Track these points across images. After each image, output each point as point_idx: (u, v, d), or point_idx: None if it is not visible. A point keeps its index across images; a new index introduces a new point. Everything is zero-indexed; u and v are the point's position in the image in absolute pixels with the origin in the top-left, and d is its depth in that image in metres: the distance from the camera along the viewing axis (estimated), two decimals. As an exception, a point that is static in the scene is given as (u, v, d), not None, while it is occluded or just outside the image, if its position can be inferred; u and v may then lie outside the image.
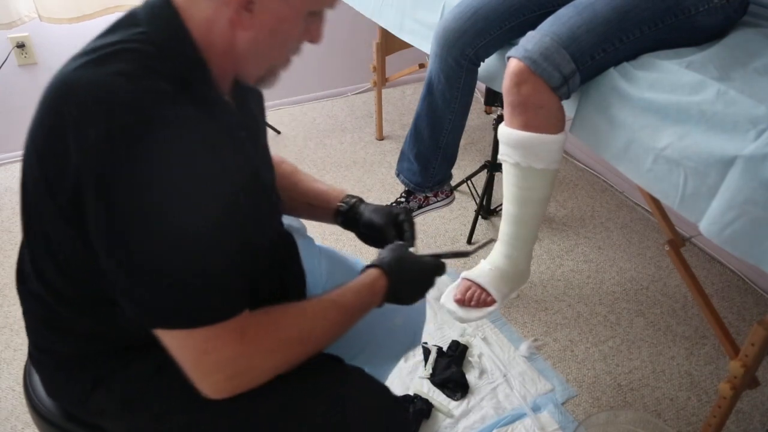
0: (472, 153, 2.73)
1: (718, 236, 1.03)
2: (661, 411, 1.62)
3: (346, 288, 0.89)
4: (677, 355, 1.78)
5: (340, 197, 1.13)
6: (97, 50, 0.72)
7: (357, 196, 1.14)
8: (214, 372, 0.74)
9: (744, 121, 0.99)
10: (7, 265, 2.06)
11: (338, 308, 0.86)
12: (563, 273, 2.08)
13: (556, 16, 1.20)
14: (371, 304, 0.92)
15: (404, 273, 0.95)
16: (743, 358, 1.23)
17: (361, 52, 2.95)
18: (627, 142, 1.16)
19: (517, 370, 1.71)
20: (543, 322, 1.88)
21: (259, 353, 0.77)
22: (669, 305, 1.95)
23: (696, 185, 1.06)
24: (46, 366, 0.91)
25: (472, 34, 1.43)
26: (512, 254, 1.38)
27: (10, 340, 1.76)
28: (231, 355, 0.74)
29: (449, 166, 1.75)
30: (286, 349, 0.80)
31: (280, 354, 0.79)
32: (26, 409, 0.98)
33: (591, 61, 1.17)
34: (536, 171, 1.26)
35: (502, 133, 1.27)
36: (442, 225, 2.30)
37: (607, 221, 2.34)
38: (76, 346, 0.85)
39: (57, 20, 2.29)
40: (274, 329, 0.79)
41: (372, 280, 0.92)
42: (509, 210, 1.34)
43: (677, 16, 1.18)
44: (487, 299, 1.39)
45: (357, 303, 0.89)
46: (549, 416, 1.58)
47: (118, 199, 0.66)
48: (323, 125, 2.94)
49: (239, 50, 0.76)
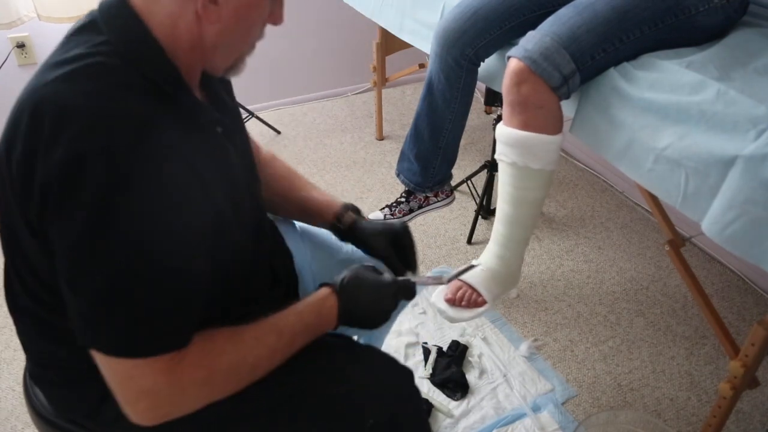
0: (472, 153, 2.73)
1: (719, 236, 1.03)
2: (661, 411, 1.62)
3: (290, 310, 0.85)
4: (677, 355, 1.78)
5: (336, 209, 1.09)
6: (67, 63, 0.70)
7: (352, 205, 1.11)
8: (137, 400, 0.73)
9: (744, 121, 0.99)
10: (7, 265, 2.06)
11: (278, 333, 0.82)
12: (563, 273, 2.08)
13: (557, 16, 1.21)
14: (318, 326, 0.88)
15: (360, 294, 0.90)
16: (743, 358, 1.23)
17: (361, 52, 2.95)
18: (627, 142, 1.16)
19: (517, 370, 1.71)
20: (543, 322, 1.88)
21: (189, 386, 0.74)
22: (669, 305, 1.95)
23: (697, 185, 1.06)
24: (49, 382, 0.90)
25: (472, 34, 1.43)
26: (505, 255, 1.38)
27: (10, 340, 1.76)
28: (157, 387, 0.72)
29: (449, 166, 1.75)
30: (219, 381, 0.78)
31: (211, 386, 0.77)
32: (26, 409, 0.98)
33: (591, 61, 1.17)
34: (533, 171, 1.26)
35: (500, 132, 1.27)
36: (442, 225, 2.30)
37: (607, 221, 2.34)
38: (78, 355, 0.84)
39: (56, 19, 2.29)
40: (209, 361, 0.76)
41: (319, 301, 0.88)
42: (504, 210, 1.34)
43: (677, 16, 1.18)
44: (478, 300, 1.39)
45: (299, 326, 0.85)
46: (549, 416, 1.58)
47: (73, 222, 0.66)
48: (323, 125, 2.94)
49: (207, 44, 0.75)
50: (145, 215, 0.67)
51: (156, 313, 0.71)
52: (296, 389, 0.86)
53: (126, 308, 0.69)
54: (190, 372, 0.74)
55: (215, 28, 0.74)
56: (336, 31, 2.98)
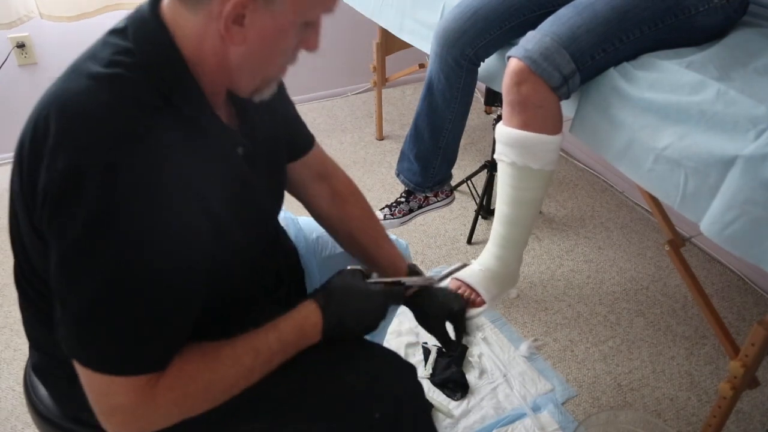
0: (472, 153, 2.73)
1: (719, 236, 1.03)
2: (661, 411, 1.62)
3: (270, 327, 0.84)
4: (677, 355, 1.78)
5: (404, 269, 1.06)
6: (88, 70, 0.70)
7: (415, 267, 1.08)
8: (111, 414, 0.73)
9: (744, 121, 0.99)
10: (7, 265, 2.06)
11: (255, 352, 0.81)
12: (563, 273, 2.08)
13: (556, 16, 1.21)
14: (300, 343, 0.86)
15: (347, 303, 0.89)
16: (743, 358, 1.23)
17: (361, 52, 2.95)
18: (627, 142, 1.16)
19: (517, 370, 1.71)
20: (543, 322, 1.88)
21: (163, 406, 0.75)
22: (669, 305, 1.95)
23: (697, 185, 1.06)
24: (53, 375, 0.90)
25: (472, 34, 1.43)
26: (503, 255, 1.38)
27: (10, 340, 1.76)
28: (131, 405, 0.72)
29: (449, 166, 1.75)
30: (193, 402, 0.78)
31: (185, 406, 0.77)
32: (26, 409, 0.98)
33: (591, 61, 1.17)
34: (532, 171, 1.26)
35: (500, 132, 1.27)
36: (442, 225, 2.30)
37: (607, 221, 2.34)
38: None
39: (57, 18, 2.29)
40: (184, 382, 0.76)
41: (302, 318, 0.87)
42: (503, 210, 1.34)
43: (677, 16, 1.18)
44: (477, 300, 1.39)
45: (276, 346, 0.83)
46: (549, 416, 1.58)
47: (64, 236, 0.67)
48: (323, 125, 2.94)
49: (232, 65, 0.74)
50: (136, 237, 0.67)
51: (138, 335, 0.71)
52: (302, 384, 0.87)
53: (109, 326, 0.70)
54: (164, 393, 0.74)
55: (239, 50, 0.72)
56: (336, 31, 2.98)
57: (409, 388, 0.96)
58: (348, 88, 3.23)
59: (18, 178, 0.74)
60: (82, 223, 0.66)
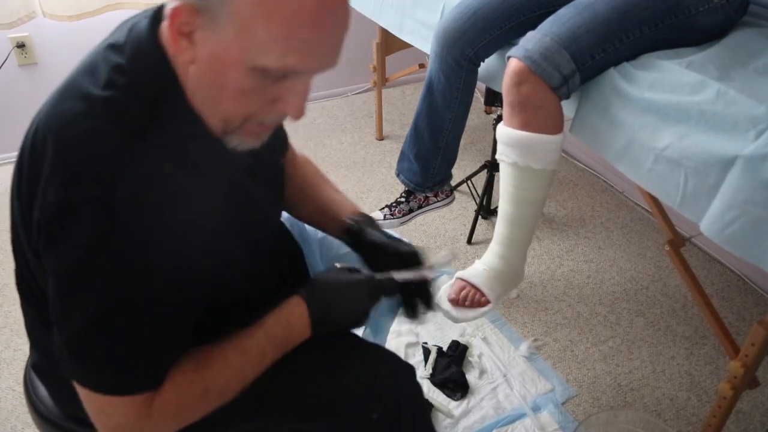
0: (472, 153, 2.73)
1: (719, 236, 1.03)
2: (661, 411, 1.62)
3: (257, 325, 0.84)
4: (677, 355, 1.78)
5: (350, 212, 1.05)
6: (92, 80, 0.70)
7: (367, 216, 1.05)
8: (111, 431, 0.75)
9: (744, 121, 0.99)
10: (7, 265, 2.06)
11: (243, 352, 0.81)
12: (563, 273, 2.08)
13: (557, 16, 1.21)
14: (289, 337, 0.86)
15: (330, 292, 0.88)
16: (743, 358, 1.23)
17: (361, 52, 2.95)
18: (627, 142, 1.16)
19: (517, 370, 1.71)
20: (543, 322, 1.88)
21: (161, 420, 0.76)
22: (669, 305, 1.95)
23: (696, 185, 1.06)
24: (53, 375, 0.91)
25: (472, 34, 1.43)
26: (507, 255, 1.38)
27: (10, 340, 1.76)
28: (129, 423, 0.74)
29: (449, 166, 1.75)
30: (189, 412, 0.78)
31: (182, 417, 0.78)
32: (26, 409, 0.98)
33: (591, 61, 1.17)
34: (534, 171, 1.26)
35: (500, 133, 1.27)
36: (442, 225, 2.30)
37: (607, 221, 2.34)
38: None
39: (58, 17, 2.30)
40: (179, 395, 0.76)
41: (287, 312, 0.86)
42: (505, 210, 1.34)
43: (677, 16, 1.18)
44: (481, 299, 1.39)
45: (265, 341, 0.83)
46: (549, 416, 1.58)
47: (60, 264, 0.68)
48: (323, 125, 2.94)
49: (190, 87, 0.69)
50: (130, 266, 0.68)
51: (134, 356, 0.72)
52: (301, 385, 0.87)
53: (106, 348, 0.71)
54: (161, 408, 0.75)
55: (194, 69, 0.67)
56: (336, 31, 2.97)
57: (408, 389, 0.97)
58: (348, 88, 3.23)
59: (17, 190, 0.74)
60: (73, 258, 0.67)
